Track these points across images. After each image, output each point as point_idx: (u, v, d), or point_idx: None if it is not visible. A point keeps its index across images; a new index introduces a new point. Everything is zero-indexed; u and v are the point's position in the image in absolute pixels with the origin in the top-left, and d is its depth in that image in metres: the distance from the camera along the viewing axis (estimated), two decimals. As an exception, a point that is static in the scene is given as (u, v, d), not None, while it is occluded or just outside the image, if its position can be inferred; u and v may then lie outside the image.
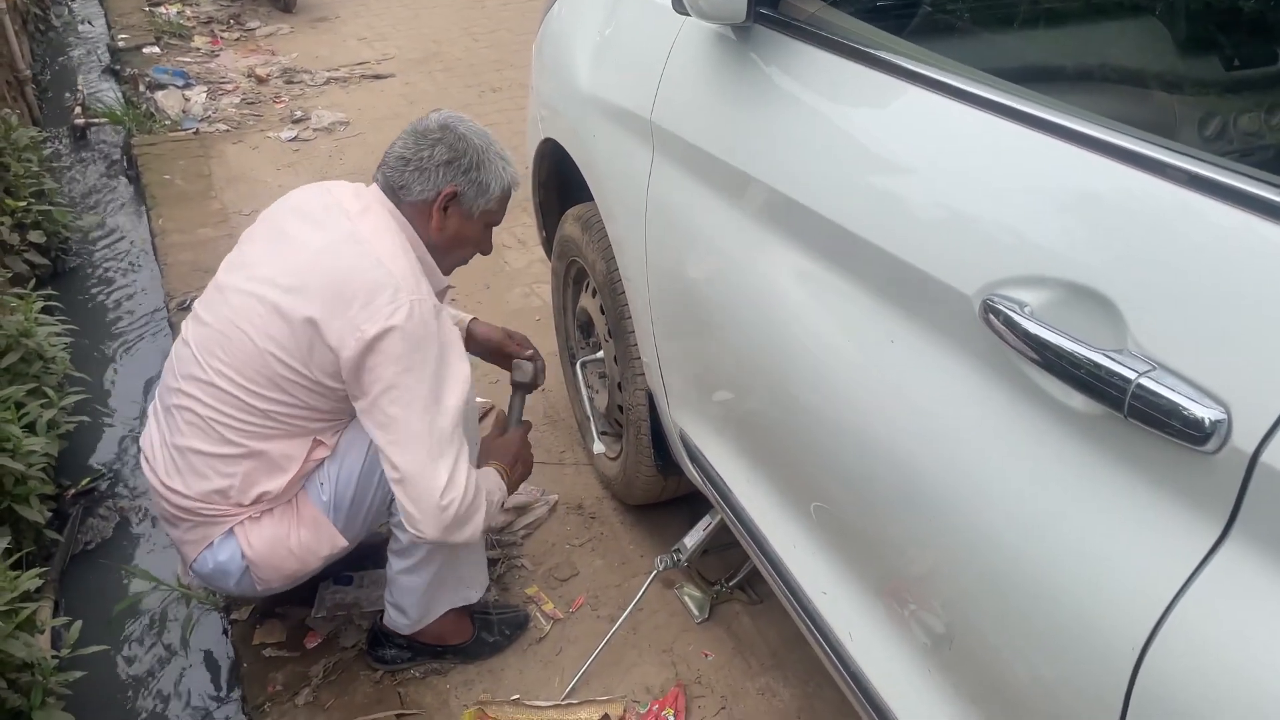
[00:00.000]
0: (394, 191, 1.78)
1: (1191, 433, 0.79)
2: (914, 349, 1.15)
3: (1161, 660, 0.85)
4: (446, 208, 1.79)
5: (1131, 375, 0.83)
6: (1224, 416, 0.78)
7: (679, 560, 2.14)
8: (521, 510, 2.51)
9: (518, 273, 3.59)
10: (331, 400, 1.74)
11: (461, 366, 1.74)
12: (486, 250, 1.95)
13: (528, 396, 2.24)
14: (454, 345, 1.75)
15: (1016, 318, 0.95)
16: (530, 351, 2.22)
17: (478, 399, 2.88)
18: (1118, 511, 0.90)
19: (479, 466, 1.93)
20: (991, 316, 0.99)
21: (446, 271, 1.89)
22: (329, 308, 1.63)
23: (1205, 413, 0.79)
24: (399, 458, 1.65)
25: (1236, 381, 0.79)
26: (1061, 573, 0.95)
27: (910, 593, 1.25)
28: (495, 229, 1.94)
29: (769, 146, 1.41)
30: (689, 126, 1.63)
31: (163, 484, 1.81)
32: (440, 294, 1.89)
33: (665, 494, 2.35)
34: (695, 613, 2.22)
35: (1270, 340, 0.78)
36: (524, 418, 2.19)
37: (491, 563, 2.31)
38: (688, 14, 1.48)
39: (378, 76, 5.64)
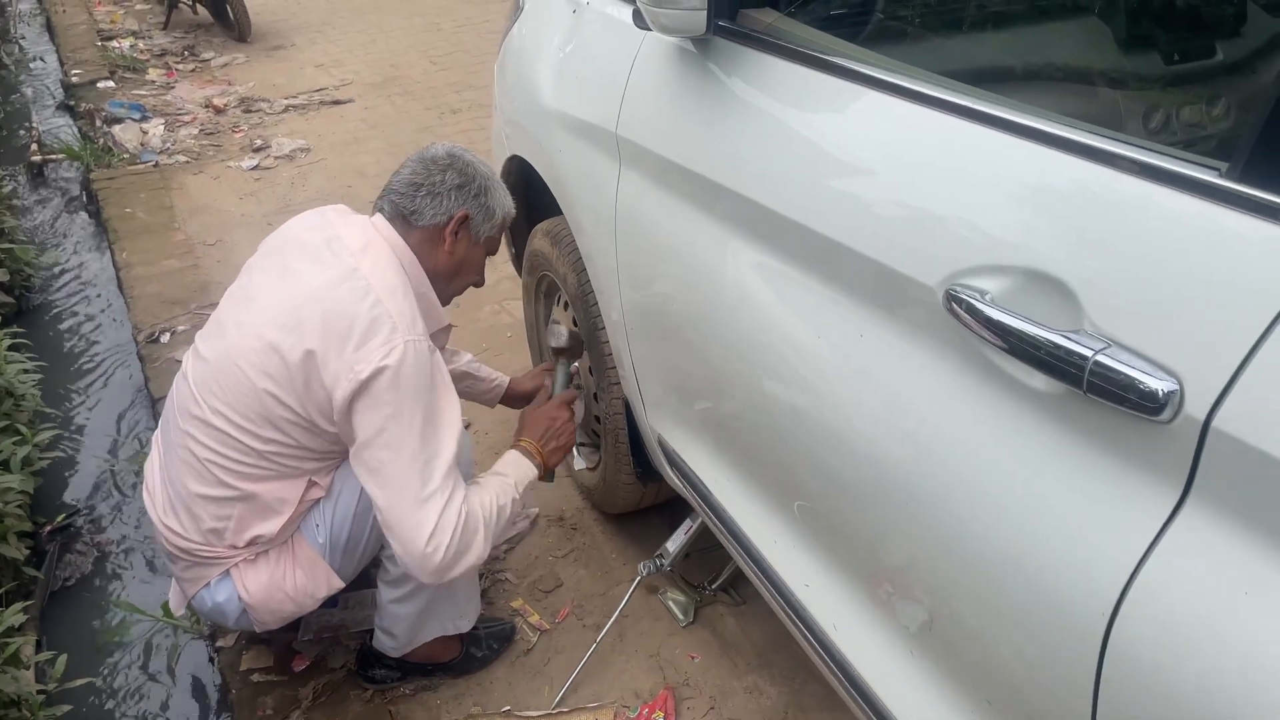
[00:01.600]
0: (403, 218, 1.78)
1: (1147, 404, 0.84)
2: (883, 341, 1.19)
3: (1131, 623, 0.89)
4: (458, 232, 1.81)
5: (1088, 353, 0.88)
6: (1176, 387, 0.83)
7: (662, 565, 2.17)
8: (503, 525, 2.52)
9: (486, 290, 3.54)
10: (325, 441, 1.72)
11: (453, 411, 1.71)
12: (480, 281, 1.96)
13: (572, 364, 2.20)
14: (446, 389, 1.72)
15: (978, 305, 1.00)
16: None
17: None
18: (1082, 484, 0.94)
19: (514, 445, 1.93)
20: (955, 305, 1.03)
21: (445, 301, 1.89)
22: (326, 346, 1.61)
23: (1159, 384, 0.83)
24: (385, 503, 1.63)
25: (1186, 354, 0.84)
26: (1032, 547, 0.99)
27: (889, 579, 1.29)
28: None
29: (733, 154, 1.46)
30: (654, 138, 1.67)
31: (161, 521, 1.80)
32: (443, 332, 1.91)
33: (645, 501, 2.38)
34: (680, 617, 2.25)
35: (1215, 313, 0.82)
36: (570, 391, 2.11)
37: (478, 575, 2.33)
38: (649, 29, 1.52)
39: (337, 102, 5.64)
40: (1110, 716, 0.93)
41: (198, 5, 7.04)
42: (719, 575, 2.29)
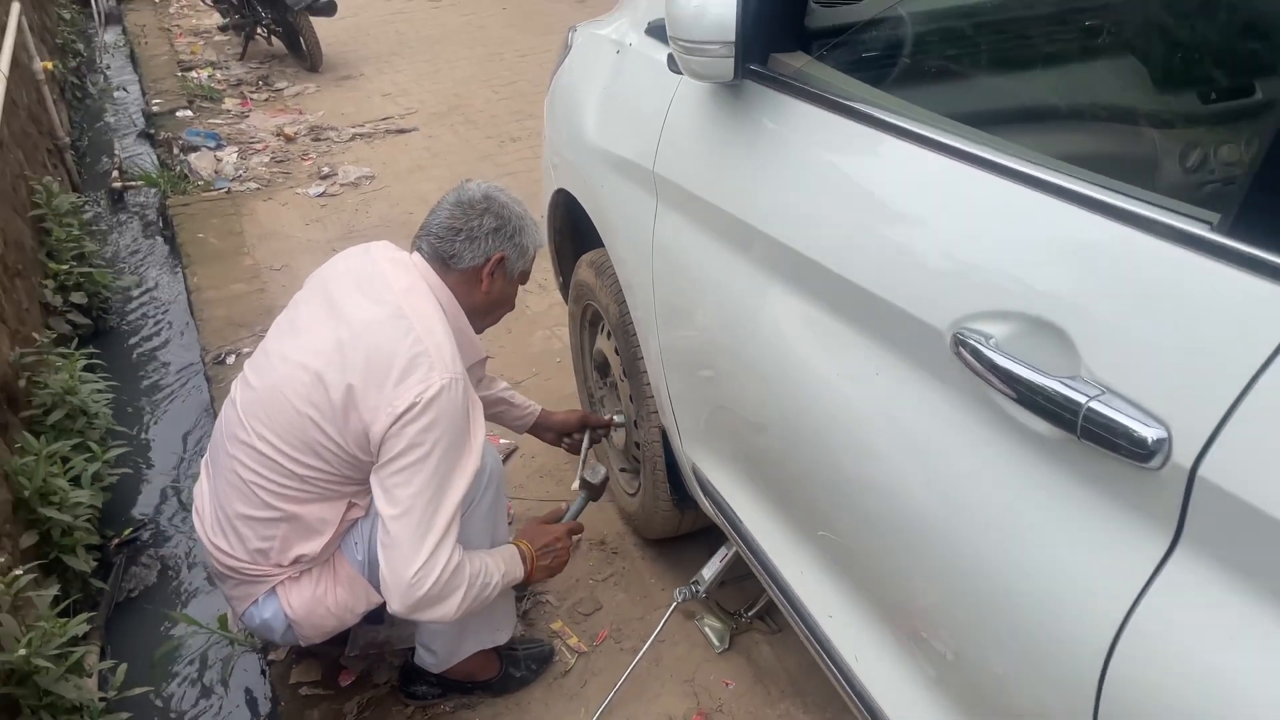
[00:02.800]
0: (442, 261, 1.86)
1: (1137, 451, 0.86)
2: (897, 379, 1.22)
3: (1126, 662, 0.91)
4: (494, 272, 1.88)
5: (1082, 399, 0.90)
6: (1165, 435, 0.85)
7: (698, 592, 2.21)
8: (546, 548, 2.58)
9: (538, 316, 3.70)
10: (363, 471, 1.79)
11: (472, 461, 1.77)
12: (512, 306, 2.04)
13: (590, 503, 2.27)
14: (473, 435, 1.79)
15: (982, 349, 1.03)
16: (608, 418, 2.39)
17: (501, 440, 2.99)
18: (1080, 527, 0.96)
19: (514, 541, 2.00)
20: (961, 349, 1.06)
21: (480, 331, 1.97)
22: (367, 380, 1.69)
23: (1148, 432, 0.86)
24: (391, 526, 1.70)
25: (1175, 403, 0.86)
26: (1034, 586, 1.01)
27: (905, 612, 1.32)
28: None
29: (760, 194, 1.50)
30: (688, 176, 1.72)
31: (210, 540, 1.90)
32: (479, 364, 1.99)
33: (683, 528, 2.42)
34: (715, 643, 2.28)
35: (1203, 364, 0.85)
36: (579, 521, 2.19)
37: (517, 599, 2.39)
38: (681, 74, 1.57)
39: (401, 130, 5.81)
40: None
41: (273, 37, 7.30)
42: (755, 603, 2.31)
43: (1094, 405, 0.89)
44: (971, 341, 1.05)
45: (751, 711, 2.11)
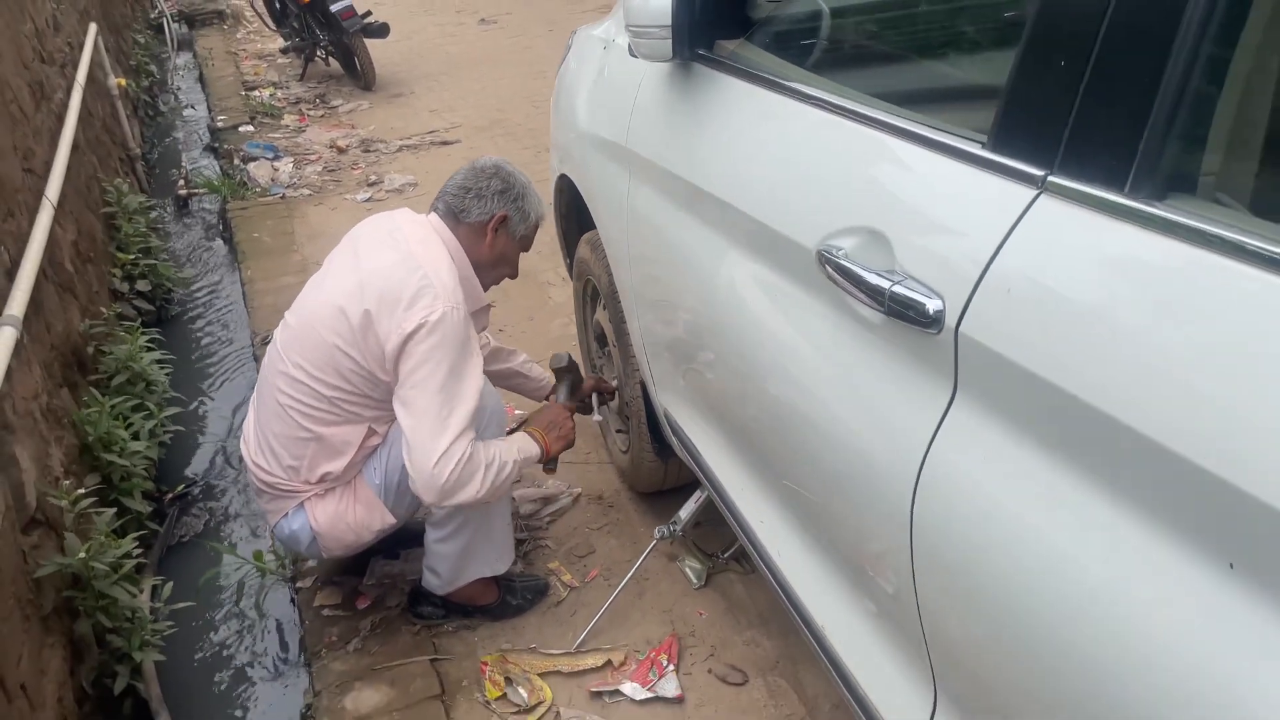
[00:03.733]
0: (454, 215, 2.19)
1: (924, 319, 1.10)
2: (789, 298, 1.48)
3: (927, 496, 1.15)
4: (498, 229, 2.20)
5: (887, 285, 1.15)
6: (942, 305, 1.09)
7: (675, 530, 2.45)
8: (549, 500, 2.85)
9: (559, 306, 3.98)
10: (382, 390, 2.09)
11: (476, 373, 2.08)
12: (514, 274, 2.34)
13: (574, 383, 2.58)
14: (474, 354, 2.09)
15: (833, 258, 1.28)
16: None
17: (517, 410, 3.27)
18: (897, 389, 1.21)
19: (523, 430, 2.30)
20: (824, 262, 1.31)
21: (486, 287, 2.28)
22: (380, 307, 2.00)
23: (931, 304, 1.10)
24: (408, 432, 2.00)
25: (946, 278, 1.10)
26: (867, 440, 1.26)
27: (799, 491, 1.57)
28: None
29: (701, 157, 1.76)
30: (651, 148, 1.99)
31: (253, 460, 2.22)
32: (483, 312, 2.29)
33: (669, 481, 2.67)
34: (694, 581, 2.52)
35: (964, 247, 1.09)
36: (570, 403, 2.50)
37: (519, 542, 2.66)
38: (637, 57, 1.85)
39: (445, 143, 6.18)
40: (921, 555, 1.18)
41: (330, 58, 7.76)
42: (731, 546, 2.55)
43: (896, 289, 1.14)
44: (828, 254, 1.29)
45: (720, 636, 2.34)
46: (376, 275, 2.04)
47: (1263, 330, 0.79)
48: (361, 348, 2.03)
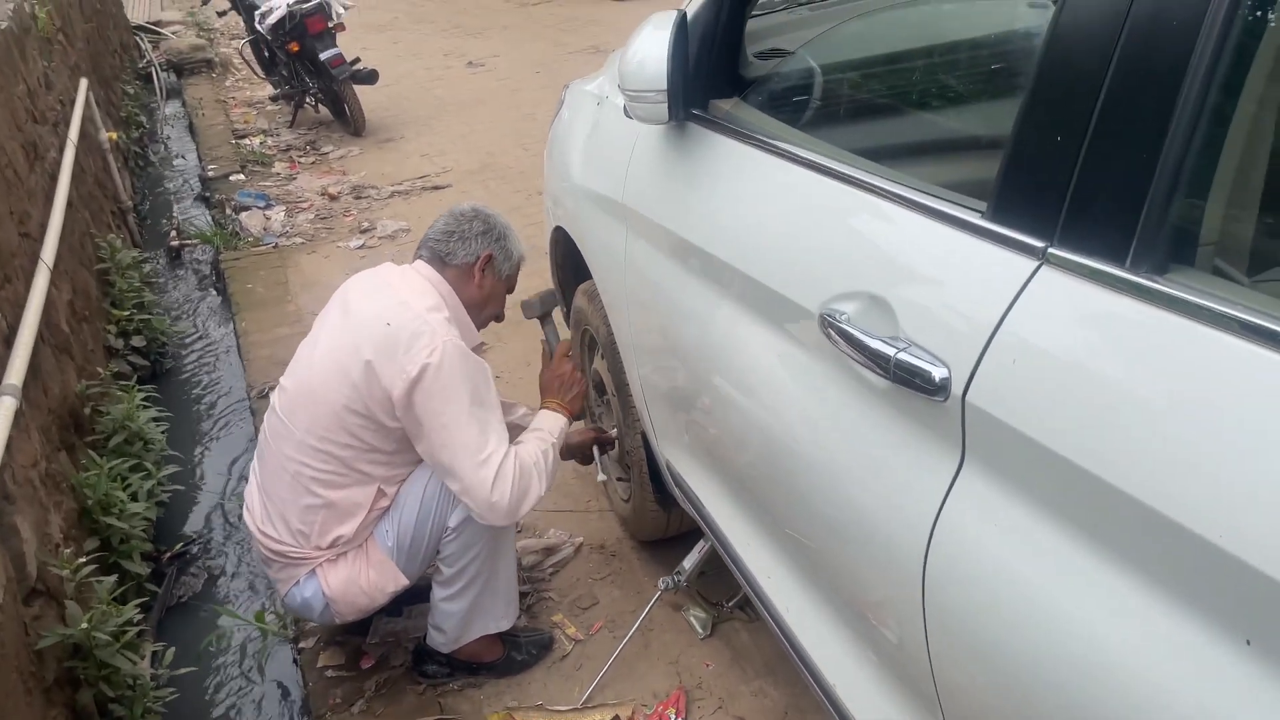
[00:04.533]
0: (440, 259, 2.22)
1: (929, 387, 1.11)
2: (791, 358, 1.49)
3: (938, 558, 1.15)
4: (484, 269, 2.23)
5: (892, 352, 1.16)
6: (947, 373, 1.10)
7: (679, 581, 2.44)
8: (551, 550, 2.84)
9: (554, 350, 3.99)
10: (391, 441, 2.10)
11: (490, 390, 2.11)
12: (501, 315, 2.36)
13: (553, 318, 2.58)
14: (483, 372, 2.11)
15: (837, 322, 1.29)
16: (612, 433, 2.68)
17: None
18: (904, 454, 1.21)
19: (541, 407, 2.34)
20: (826, 325, 1.32)
21: (480, 327, 2.30)
22: (380, 355, 2.01)
23: (936, 371, 1.11)
24: (454, 471, 2.02)
25: (952, 347, 1.11)
26: (876, 501, 1.27)
27: (808, 549, 1.57)
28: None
29: (697, 216, 1.78)
30: (648, 205, 2.01)
31: (259, 529, 2.20)
32: (477, 350, 2.28)
33: (671, 529, 2.66)
34: (699, 630, 2.51)
35: (968, 317, 1.10)
36: (562, 343, 2.50)
37: (522, 595, 2.65)
38: (632, 119, 1.87)
39: (436, 188, 6.20)
40: (933, 618, 1.19)
41: (319, 105, 7.81)
42: (735, 594, 2.54)
43: (901, 356, 1.15)
44: (831, 319, 1.31)
45: (728, 688, 2.33)
46: (371, 324, 2.06)
47: (1260, 405, 0.81)
48: (367, 400, 2.04)
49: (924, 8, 1.91)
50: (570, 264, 2.93)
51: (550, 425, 2.26)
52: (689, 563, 2.44)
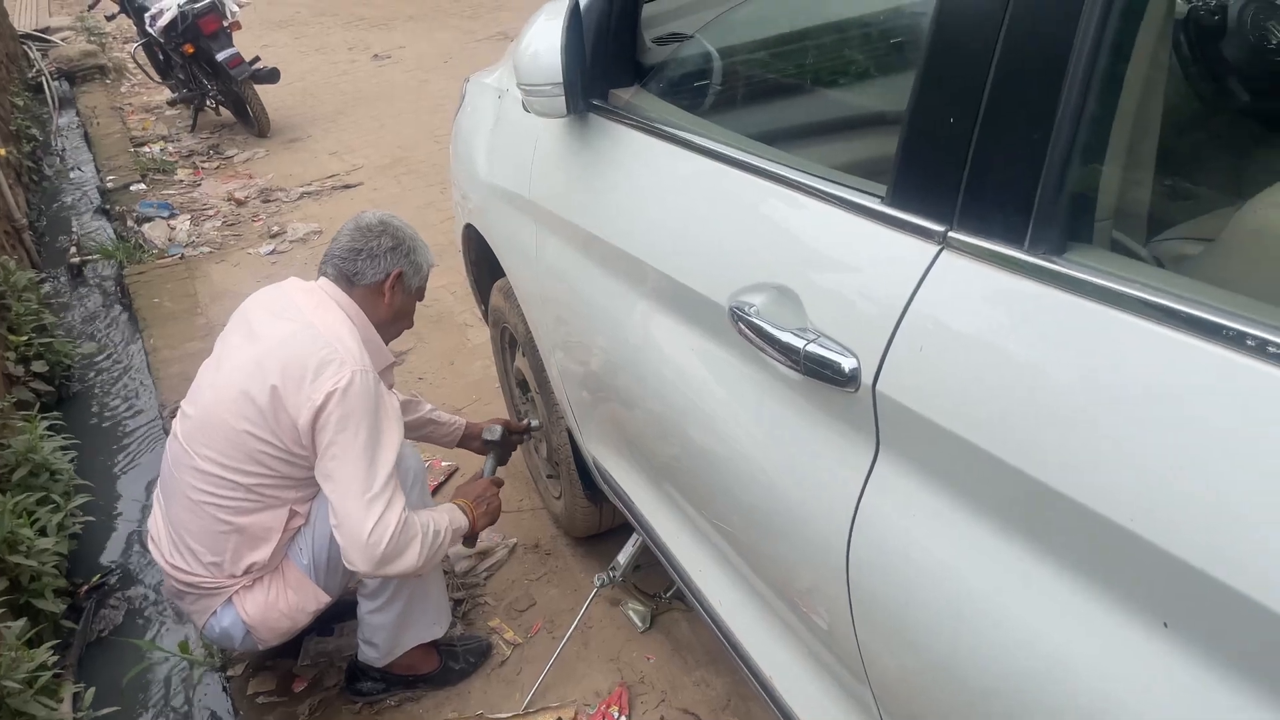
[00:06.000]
0: (347, 279, 2.12)
1: (840, 378, 1.09)
2: (701, 348, 1.46)
3: (861, 546, 1.14)
4: (394, 286, 2.13)
5: (801, 344, 1.14)
6: (857, 364, 1.08)
7: (614, 576, 2.41)
8: (484, 555, 2.79)
9: (478, 348, 3.92)
10: (301, 469, 2.02)
11: (395, 432, 2.01)
12: (411, 324, 2.29)
13: (503, 456, 2.55)
14: (390, 412, 2.03)
15: (746, 315, 1.26)
16: (525, 423, 2.61)
17: (443, 462, 3.21)
18: (824, 445, 1.20)
19: (451, 500, 2.23)
20: (735, 317, 1.29)
21: (388, 341, 2.22)
22: (287, 381, 1.93)
23: (846, 362, 1.09)
24: (336, 504, 1.93)
25: (860, 337, 1.09)
26: (798, 492, 1.25)
27: (730, 537, 1.56)
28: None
29: (601, 208, 1.74)
30: (554, 199, 1.96)
31: (167, 563, 2.10)
32: (389, 370, 2.21)
33: (604, 524, 2.63)
34: (638, 624, 2.48)
35: (874, 305, 1.08)
36: (498, 477, 2.44)
37: (457, 602, 2.60)
38: (530, 114, 1.82)
39: (347, 186, 6.06)
40: (859, 608, 1.18)
41: (220, 107, 7.56)
42: (672, 585, 2.52)
43: (809, 348, 1.13)
44: (739, 311, 1.28)
45: (670, 680, 2.32)
46: (277, 349, 1.98)
47: (1159, 383, 0.80)
48: (274, 427, 1.96)
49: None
50: (485, 261, 2.86)
51: (453, 516, 2.15)
52: (623, 557, 2.41)
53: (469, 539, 2.28)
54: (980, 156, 0.95)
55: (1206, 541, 0.74)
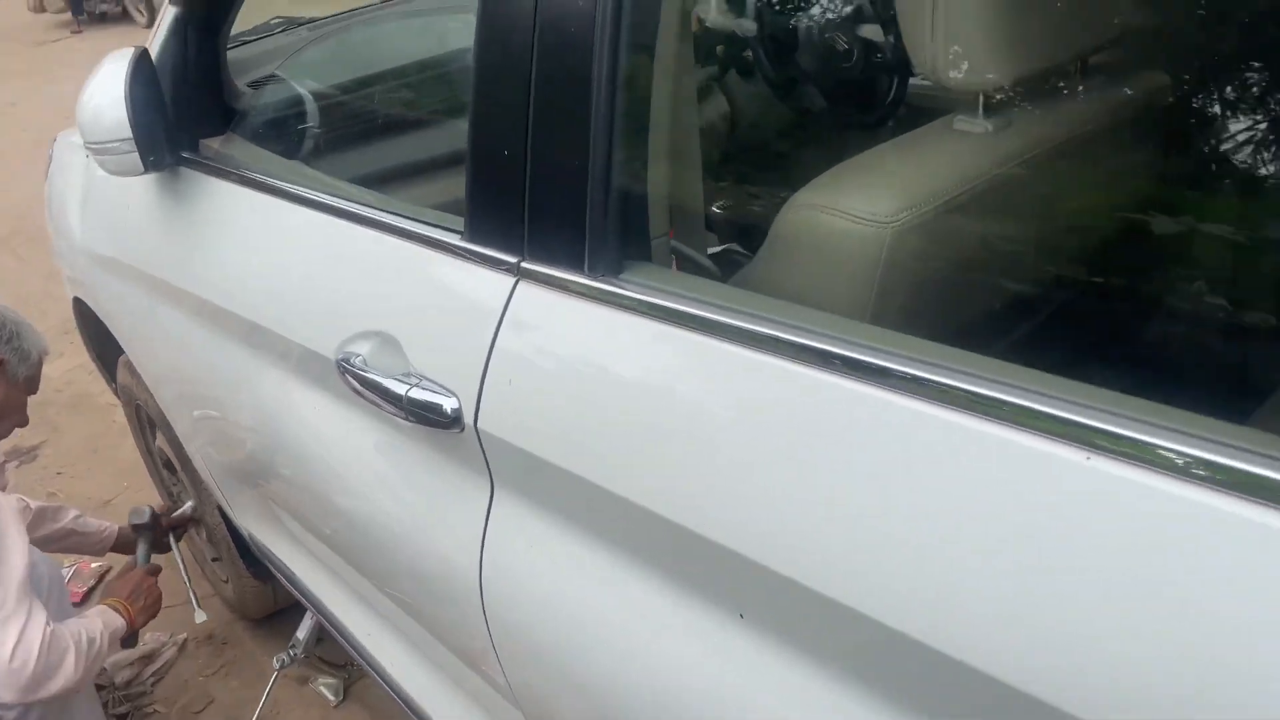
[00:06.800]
0: None
1: (444, 420, 1.07)
2: (329, 411, 1.38)
3: (491, 587, 1.12)
4: None
5: (402, 390, 1.10)
6: (458, 404, 1.06)
7: (295, 654, 2.25)
8: (149, 658, 2.52)
9: (125, 429, 3.55)
10: None
11: (18, 540, 1.75)
12: (24, 421, 2.01)
13: (153, 548, 2.27)
14: (8, 519, 1.77)
15: (353, 367, 1.21)
16: (184, 511, 2.36)
17: (94, 563, 2.87)
18: (447, 488, 1.17)
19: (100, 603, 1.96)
20: (343, 370, 1.23)
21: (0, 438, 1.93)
22: None
23: (448, 404, 1.06)
24: None
25: (457, 376, 1.07)
26: (431, 539, 1.23)
27: (369, 580, 1.51)
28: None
29: (199, 265, 1.62)
30: (157, 264, 1.79)
31: None
32: None
33: (281, 600, 2.46)
34: (331, 698, 2.34)
35: (466, 342, 1.07)
36: (153, 564, 2.19)
37: (121, 717, 2.32)
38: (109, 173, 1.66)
39: (-45, 267, 5.32)
40: (499, 642, 1.16)
41: None
42: (357, 651, 2.40)
43: (411, 393, 1.09)
44: (345, 364, 1.22)
45: (373, 750, 2.20)
46: None
47: (710, 390, 0.84)
48: None
49: (393, 24, 1.85)
50: (103, 336, 2.60)
51: (106, 618, 1.90)
52: (302, 632, 2.26)
53: (128, 640, 2.03)
54: (536, 186, 0.96)
55: (763, 536, 0.78)
